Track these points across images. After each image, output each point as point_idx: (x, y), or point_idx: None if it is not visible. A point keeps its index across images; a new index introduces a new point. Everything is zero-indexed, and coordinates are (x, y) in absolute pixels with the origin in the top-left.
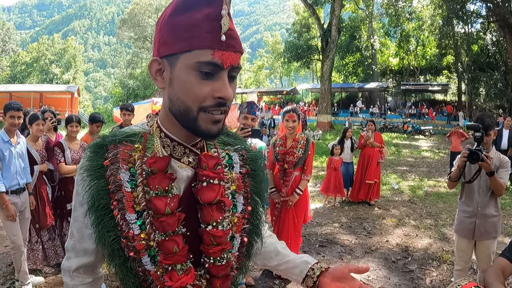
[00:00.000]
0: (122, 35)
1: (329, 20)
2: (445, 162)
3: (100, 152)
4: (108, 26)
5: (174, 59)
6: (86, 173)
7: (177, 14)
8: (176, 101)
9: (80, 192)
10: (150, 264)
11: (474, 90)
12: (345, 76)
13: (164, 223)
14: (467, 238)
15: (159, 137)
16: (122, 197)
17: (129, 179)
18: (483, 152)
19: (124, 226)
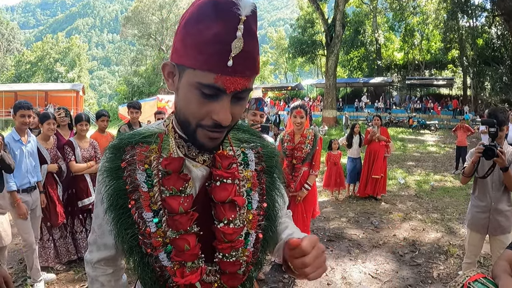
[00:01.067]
0: (126, 33)
1: (333, 15)
2: (451, 156)
3: (118, 154)
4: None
5: (181, 70)
6: (105, 174)
7: (191, 23)
8: (180, 110)
9: (101, 191)
10: (166, 260)
11: (480, 84)
12: (350, 71)
13: (177, 222)
14: (480, 233)
15: (174, 137)
16: (139, 196)
17: (146, 179)
18: (498, 148)
19: (141, 224)
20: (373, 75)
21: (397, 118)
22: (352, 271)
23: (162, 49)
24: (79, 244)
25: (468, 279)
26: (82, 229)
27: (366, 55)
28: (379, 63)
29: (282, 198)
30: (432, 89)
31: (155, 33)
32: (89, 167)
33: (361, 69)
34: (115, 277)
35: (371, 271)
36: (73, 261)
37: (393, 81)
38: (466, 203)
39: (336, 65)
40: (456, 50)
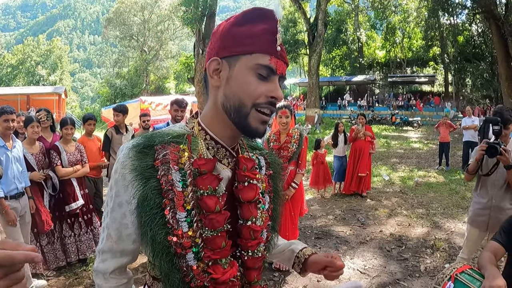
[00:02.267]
0: (108, 34)
1: (316, 14)
2: (434, 152)
3: (148, 152)
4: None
5: (233, 60)
6: (134, 173)
7: (237, 25)
8: (232, 97)
9: (120, 193)
10: (193, 260)
11: (461, 80)
12: (332, 69)
13: (214, 220)
14: (479, 229)
15: (204, 139)
16: (173, 196)
17: (180, 179)
18: (501, 146)
19: (174, 224)
20: (356, 73)
21: (380, 116)
22: None
23: (144, 50)
24: (68, 249)
25: (455, 270)
26: (70, 234)
27: (348, 54)
28: (361, 61)
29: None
30: (414, 86)
31: (137, 34)
32: (76, 171)
33: (343, 68)
34: (128, 286)
35: (360, 267)
36: (61, 267)
37: (375, 79)
38: (450, 198)
39: (318, 64)
40: (437, 48)
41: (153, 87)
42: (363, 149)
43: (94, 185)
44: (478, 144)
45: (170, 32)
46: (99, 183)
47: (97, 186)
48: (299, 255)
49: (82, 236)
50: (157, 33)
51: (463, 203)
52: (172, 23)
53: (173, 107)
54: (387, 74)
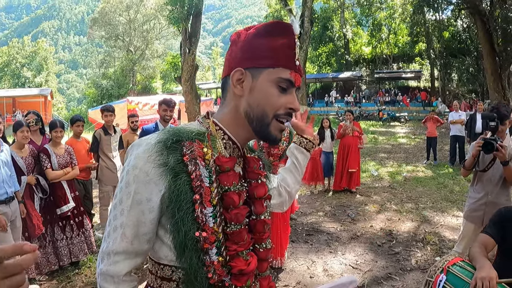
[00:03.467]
0: (93, 35)
1: (302, 12)
2: (422, 147)
3: (177, 148)
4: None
5: (257, 72)
6: (162, 167)
7: (259, 37)
8: (256, 107)
9: (140, 189)
10: (215, 255)
11: (447, 75)
12: (319, 66)
13: (239, 215)
14: (475, 224)
15: (222, 138)
16: (202, 191)
17: (207, 175)
18: (498, 142)
19: (202, 219)
20: (342, 70)
21: (367, 112)
22: (333, 263)
23: (130, 50)
24: (61, 253)
25: (447, 263)
26: (62, 237)
27: (335, 51)
28: (347, 58)
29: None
30: (400, 82)
31: (123, 34)
32: (66, 174)
33: (330, 65)
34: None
35: (352, 262)
36: (54, 271)
37: (362, 75)
38: (439, 192)
39: (305, 61)
40: (423, 43)
41: (140, 87)
42: (352, 145)
43: (84, 187)
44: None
45: (156, 32)
46: (89, 185)
47: (86, 189)
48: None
49: (74, 239)
50: (143, 32)
51: (451, 196)
52: (158, 22)
53: (161, 107)
54: (373, 70)
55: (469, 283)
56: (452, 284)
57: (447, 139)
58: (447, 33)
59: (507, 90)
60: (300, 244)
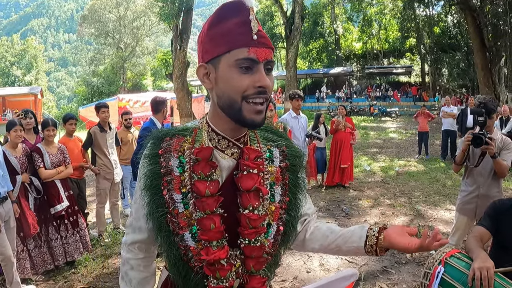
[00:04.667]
0: (83, 32)
1: (292, 8)
2: (413, 142)
3: (157, 143)
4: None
5: (216, 62)
6: (145, 160)
7: (213, 27)
8: (222, 96)
9: (140, 177)
10: (191, 240)
11: (437, 71)
12: (310, 62)
13: (204, 203)
14: (467, 216)
15: (207, 131)
16: (171, 179)
17: (178, 165)
18: (487, 136)
19: (171, 204)
20: (333, 65)
21: (358, 107)
22: (329, 257)
23: (120, 48)
24: (55, 252)
25: (444, 255)
26: (57, 236)
27: (325, 46)
28: (338, 53)
29: (304, 196)
30: (391, 77)
31: (113, 31)
32: (59, 173)
33: (320, 60)
34: (144, 262)
35: (347, 257)
36: (50, 270)
37: (352, 70)
38: (431, 186)
39: (296, 57)
40: (413, 39)
41: (130, 84)
42: (344, 141)
43: (77, 186)
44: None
45: (146, 28)
46: (82, 184)
47: (80, 188)
48: (372, 227)
49: (69, 238)
50: (133, 29)
51: (444, 190)
52: (148, 19)
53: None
54: (364, 66)
55: (467, 273)
56: (450, 275)
57: (439, 134)
58: (437, 28)
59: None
60: None
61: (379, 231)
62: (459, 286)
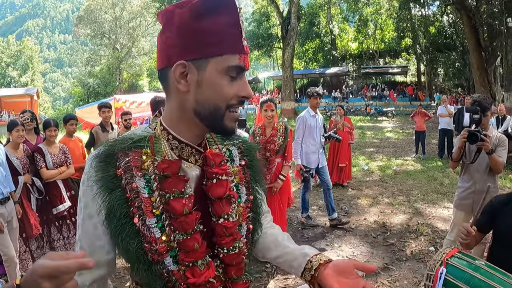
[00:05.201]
0: (79, 33)
1: (288, 8)
2: (410, 141)
3: (110, 161)
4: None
5: (203, 63)
6: (98, 184)
7: (198, 17)
8: (205, 102)
9: (89, 205)
10: (172, 264)
11: (433, 70)
12: (306, 62)
13: (184, 223)
14: (465, 212)
15: (167, 139)
16: (140, 203)
17: (145, 185)
18: (482, 133)
19: (146, 231)
20: (329, 65)
21: (354, 107)
22: (330, 255)
23: (116, 48)
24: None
25: (445, 256)
26: (59, 237)
27: (321, 46)
28: (334, 53)
29: (263, 190)
30: (387, 77)
31: (109, 32)
32: (61, 173)
33: (316, 60)
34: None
35: (348, 254)
36: None
37: (348, 70)
38: (429, 184)
39: (292, 57)
40: (409, 39)
41: (127, 85)
42: (342, 140)
43: (78, 187)
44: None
45: (142, 29)
46: None
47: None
48: (313, 259)
49: (71, 239)
50: (129, 30)
51: (441, 189)
52: (144, 20)
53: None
54: (360, 66)
55: (469, 272)
56: (452, 275)
57: (435, 133)
58: (433, 28)
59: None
60: (297, 238)
61: (317, 267)
62: (463, 285)
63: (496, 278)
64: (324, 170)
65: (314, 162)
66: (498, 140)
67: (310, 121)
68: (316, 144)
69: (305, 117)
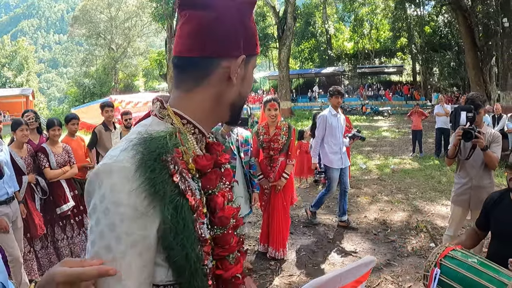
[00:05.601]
0: (74, 33)
1: (285, 8)
2: (406, 140)
3: (162, 167)
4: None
5: (250, 59)
6: (153, 197)
7: (248, 15)
8: (244, 95)
9: (133, 229)
10: (210, 262)
11: (428, 70)
12: (301, 62)
13: (223, 218)
14: (462, 207)
15: (192, 133)
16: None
17: (196, 186)
18: (476, 130)
19: (203, 235)
20: (325, 65)
21: (350, 106)
22: (333, 252)
23: (112, 48)
24: (62, 253)
25: (439, 256)
26: (63, 237)
27: (317, 46)
28: (330, 53)
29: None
30: (382, 77)
31: (104, 32)
32: (65, 173)
33: (312, 60)
34: None
35: (351, 250)
36: None
37: (344, 70)
38: (427, 182)
39: (288, 57)
40: (404, 38)
41: (122, 85)
42: None
43: (80, 187)
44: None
45: (137, 29)
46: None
47: (83, 188)
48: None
49: (75, 238)
50: (124, 30)
51: (439, 187)
52: (140, 20)
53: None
54: (355, 65)
55: (461, 272)
56: (446, 275)
57: (431, 132)
58: (428, 28)
59: (488, 83)
60: (299, 235)
61: None
62: (456, 285)
63: (486, 276)
64: (345, 172)
65: (337, 162)
66: (492, 137)
67: (331, 120)
68: (339, 144)
69: (326, 116)
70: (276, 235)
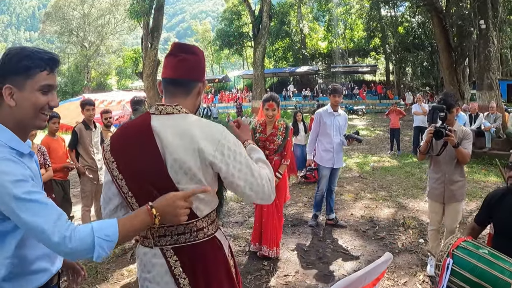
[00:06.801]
0: (46, 30)
1: (260, 7)
2: (383, 138)
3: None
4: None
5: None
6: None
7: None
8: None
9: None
10: None
11: (401, 69)
12: (276, 61)
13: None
14: (437, 201)
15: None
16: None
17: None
18: (447, 128)
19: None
20: (299, 64)
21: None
22: (325, 251)
23: (84, 46)
24: None
25: (451, 247)
26: None
27: (291, 45)
28: (304, 52)
29: None
30: (356, 76)
31: (77, 29)
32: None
33: (286, 59)
34: None
35: (342, 249)
36: None
37: (318, 69)
38: (408, 180)
39: (263, 56)
40: (378, 38)
41: (95, 84)
42: None
43: (62, 188)
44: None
45: (111, 27)
46: (67, 186)
47: (64, 189)
48: None
49: None
50: (98, 27)
51: (421, 184)
52: (113, 17)
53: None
54: (330, 65)
55: (473, 262)
56: (458, 265)
57: (408, 131)
58: (402, 28)
59: (462, 83)
60: (289, 234)
61: None
62: (468, 274)
63: (498, 267)
64: (336, 172)
65: (328, 161)
66: (463, 134)
67: (325, 118)
68: (331, 143)
69: (321, 113)
70: (270, 234)
